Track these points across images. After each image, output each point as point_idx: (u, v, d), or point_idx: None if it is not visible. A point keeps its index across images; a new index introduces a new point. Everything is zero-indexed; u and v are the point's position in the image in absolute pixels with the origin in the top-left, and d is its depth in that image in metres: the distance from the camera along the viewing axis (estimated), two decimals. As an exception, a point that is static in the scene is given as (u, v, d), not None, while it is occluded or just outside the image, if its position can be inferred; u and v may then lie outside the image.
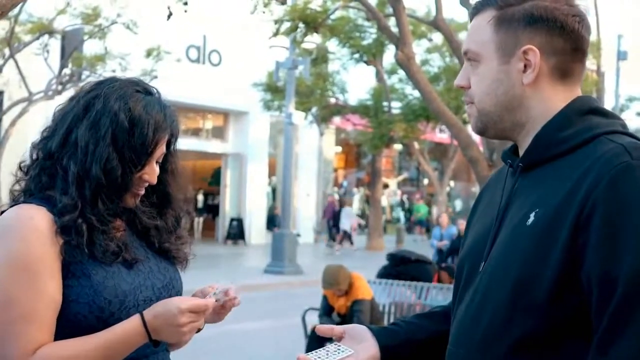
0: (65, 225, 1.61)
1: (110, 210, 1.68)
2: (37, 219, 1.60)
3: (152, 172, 1.73)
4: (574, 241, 1.28)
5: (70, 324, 1.61)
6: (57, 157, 1.67)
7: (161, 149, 1.73)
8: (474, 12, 1.50)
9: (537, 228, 1.34)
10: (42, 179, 1.68)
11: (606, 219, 1.26)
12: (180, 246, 1.86)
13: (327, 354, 1.59)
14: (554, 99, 1.43)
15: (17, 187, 1.73)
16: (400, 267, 7.98)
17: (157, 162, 1.74)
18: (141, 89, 1.74)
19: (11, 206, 1.66)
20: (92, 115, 1.67)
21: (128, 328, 1.61)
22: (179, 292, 1.81)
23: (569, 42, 1.41)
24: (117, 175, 1.65)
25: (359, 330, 1.67)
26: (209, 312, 1.69)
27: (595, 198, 1.27)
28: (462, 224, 14.43)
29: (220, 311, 1.82)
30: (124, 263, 1.69)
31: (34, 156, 1.72)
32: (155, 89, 1.79)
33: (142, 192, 1.75)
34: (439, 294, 7.84)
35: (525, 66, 1.42)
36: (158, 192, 1.82)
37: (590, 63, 21.31)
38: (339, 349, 1.61)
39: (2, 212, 1.66)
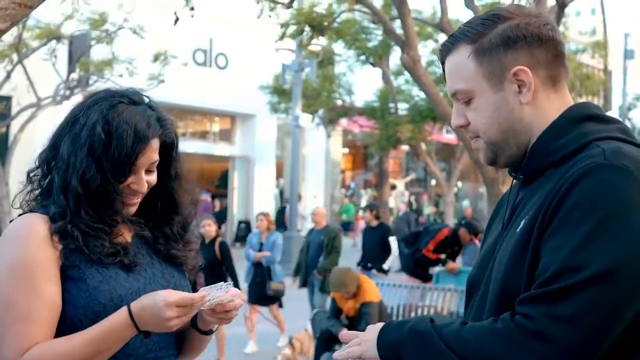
0: (59, 230, 1.65)
1: (94, 219, 1.70)
2: (36, 226, 1.65)
3: (139, 181, 1.73)
4: (540, 242, 1.31)
5: (67, 328, 1.64)
6: (48, 169, 1.74)
7: (147, 158, 1.72)
8: (445, 52, 1.52)
9: (521, 234, 1.37)
10: (40, 190, 1.75)
11: (563, 216, 1.28)
12: (187, 252, 1.86)
13: (215, 289, 1.67)
14: (549, 110, 1.46)
15: (25, 197, 1.78)
16: None
17: (149, 170, 1.75)
18: (126, 100, 1.74)
19: (19, 216, 1.72)
20: (76, 128, 1.71)
21: (115, 320, 1.62)
22: None
23: (550, 51, 1.45)
24: (96, 185, 1.68)
25: None
26: (198, 308, 1.65)
27: (559, 197, 1.30)
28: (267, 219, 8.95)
29: (222, 314, 1.72)
30: (122, 267, 1.70)
31: (34, 169, 1.78)
32: (148, 97, 1.79)
33: (135, 200, 1.76)
34: (439, 296, 7.90)
35: (519, 87, 1.44)
36: (163, 198, 1.83)
37: (597, 62, 21.24)
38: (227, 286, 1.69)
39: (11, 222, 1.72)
